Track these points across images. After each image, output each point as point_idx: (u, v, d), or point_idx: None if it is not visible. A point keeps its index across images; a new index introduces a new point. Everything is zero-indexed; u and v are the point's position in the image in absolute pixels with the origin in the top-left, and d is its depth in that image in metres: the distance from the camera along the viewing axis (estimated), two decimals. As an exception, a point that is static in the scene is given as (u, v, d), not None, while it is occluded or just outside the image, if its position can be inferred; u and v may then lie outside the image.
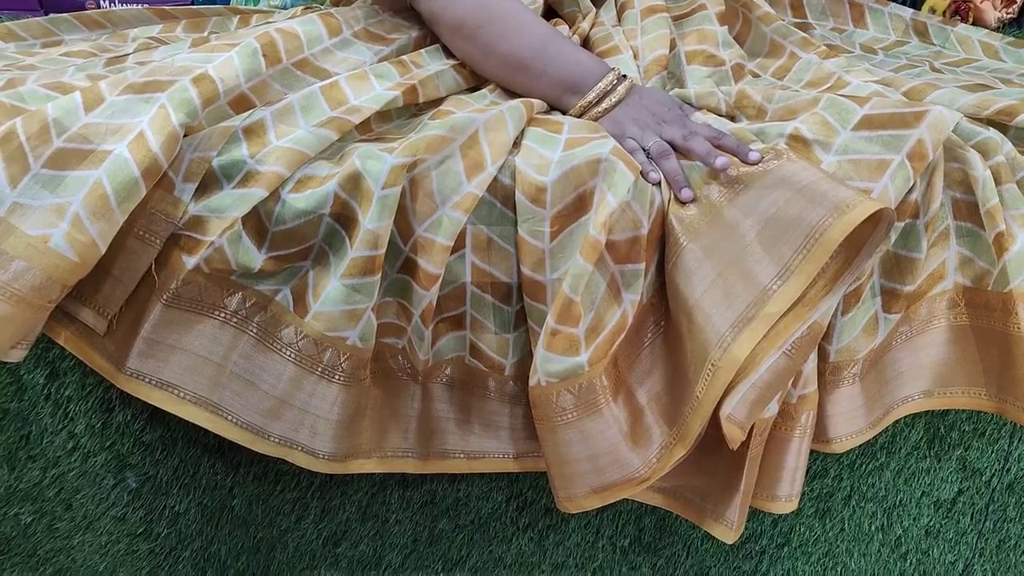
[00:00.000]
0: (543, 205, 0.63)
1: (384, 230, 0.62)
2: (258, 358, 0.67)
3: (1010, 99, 0.71)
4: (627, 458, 0.67)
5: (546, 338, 0.64)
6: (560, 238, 0.64)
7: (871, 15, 0.97)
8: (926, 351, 0.74)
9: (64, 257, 0.59)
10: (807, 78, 0.80)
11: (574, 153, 0.64)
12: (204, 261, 0.63)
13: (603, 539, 0.88)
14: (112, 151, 0.60)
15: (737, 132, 0.68)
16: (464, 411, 0.73)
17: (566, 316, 0.64)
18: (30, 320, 0.61)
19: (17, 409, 0.76)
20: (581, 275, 0.63)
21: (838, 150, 0.65)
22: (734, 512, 0.71)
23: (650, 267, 0.67)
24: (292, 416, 0.68)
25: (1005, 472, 0.87)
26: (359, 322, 0.64)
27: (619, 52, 0.79)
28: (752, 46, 0.88)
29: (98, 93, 0.63)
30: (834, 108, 0.67)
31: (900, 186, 0.63)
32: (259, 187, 0.62)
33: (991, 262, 0.69)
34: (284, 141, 0.63)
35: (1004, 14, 1.08)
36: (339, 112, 0.66)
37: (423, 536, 0.87)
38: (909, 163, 0.63)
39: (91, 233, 0.59)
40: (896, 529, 0.91)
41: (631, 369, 0.70)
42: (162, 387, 0.67)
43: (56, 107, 0.61)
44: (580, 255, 0.63)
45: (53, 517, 0.82)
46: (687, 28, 0.83)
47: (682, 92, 0.75)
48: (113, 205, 0.60)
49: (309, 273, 0.66)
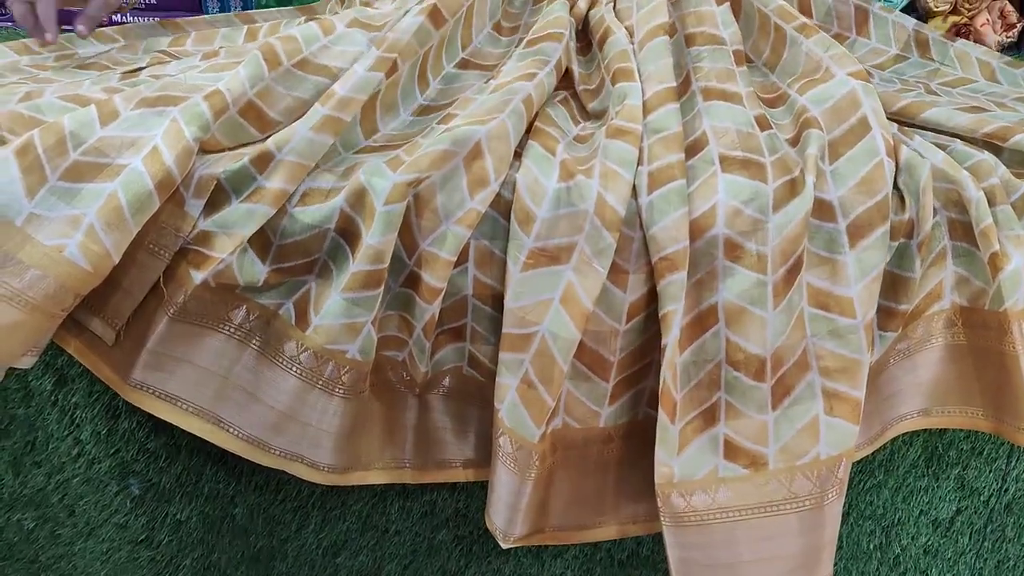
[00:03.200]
0: (528, 234, 0.64)
1: (386, 245, 0.63)
2: (262, 371, 0.68)
3: (1004, 121, 0.72)
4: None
5: (522, 385, 0.66)
6: (529, 274, 0.64)
7: (875, 21, 0.97)
8: (923, 370, 0.75)
9: (78, 267, 0.60)
10: (796, 75, 0.79)
11: (569, 191, 0.64)
12: (212, 276, 0.64)
13: (601, 552, 0.88)
14: (127, 165, 0.62)
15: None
16: (462, 421, 0.74)
17: (547, 378, 0.65)
18: (42, 327, 0.62)
19: (24, 415, 0.77)
20: (572, 342, 0.64)
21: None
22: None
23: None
24: (294, 429, 0.69)
25: (1003, 492, 0.87)
26: (359, 335, 0.65)
27: (612, 33, 0.79)
28: (743, 27, 0.86)
29: (113, 107, 0.65)
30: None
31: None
32: (265, 204, 0.63)
33: (987, 281, 0.69)
34: (285, 153, 0.64)
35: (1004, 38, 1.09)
36: (329, 108, 0.65)
37: (422, 547, 0.87)
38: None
39: (105, 244, 0.61)
40: (895, 547, 0.91)
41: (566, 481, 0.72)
42: (166, 399, 0.68)
43: (72, 120, 0.63)
44: (573, 323, 0.64)
45: (56, 523, 0.83)
46: (685, 9, 0.83)
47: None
48: (127, 216, 0.61)
49: (312, 287, 0.67)
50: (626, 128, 0.68)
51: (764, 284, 0.65)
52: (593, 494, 0.74)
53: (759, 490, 0.68)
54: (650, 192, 0.65)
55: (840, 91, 0.71)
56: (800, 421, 0.67)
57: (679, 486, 0.67)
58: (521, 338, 0.65)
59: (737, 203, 0.64)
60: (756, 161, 0.67)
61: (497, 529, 0.70)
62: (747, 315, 0.65)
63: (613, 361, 0.68)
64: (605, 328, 0.66)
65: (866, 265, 0.65)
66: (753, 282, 0.65)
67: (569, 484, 0.72)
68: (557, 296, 0.64)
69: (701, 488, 0.67)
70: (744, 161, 0.67)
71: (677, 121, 0.69)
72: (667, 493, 0.67)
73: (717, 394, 0.67)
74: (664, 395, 0.65)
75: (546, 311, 0.64)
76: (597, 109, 0.77)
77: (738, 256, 0.64)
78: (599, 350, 0.67)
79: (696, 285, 0.65)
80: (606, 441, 0.71)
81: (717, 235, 0.64)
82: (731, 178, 0.65)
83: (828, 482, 0.68)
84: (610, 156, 0.66)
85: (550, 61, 0.74)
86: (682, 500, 0.67)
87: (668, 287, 0.64)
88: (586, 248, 0.64)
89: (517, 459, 0.67)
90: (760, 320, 0.65)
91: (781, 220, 0.64)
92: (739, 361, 0.66)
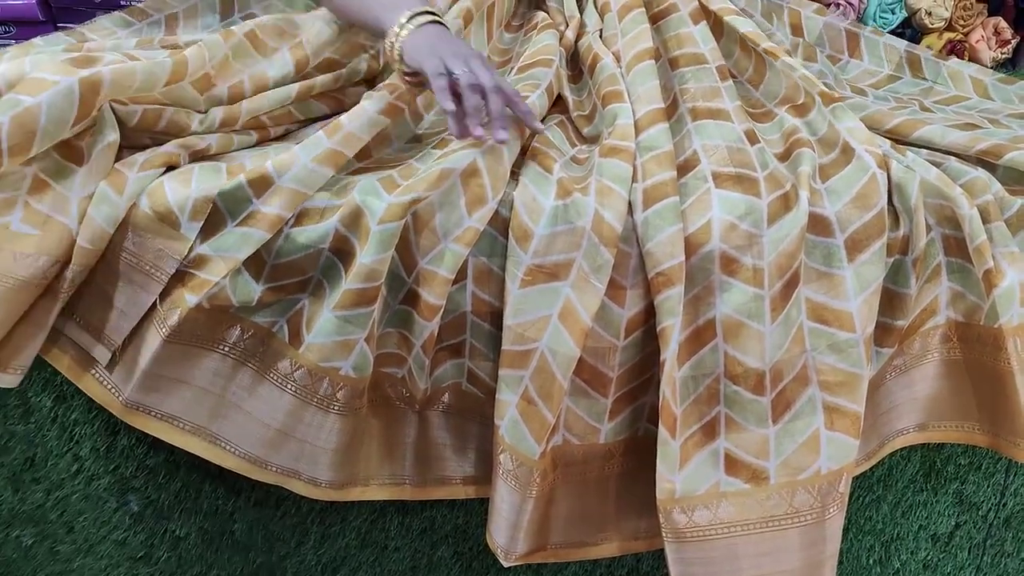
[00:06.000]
0: (526, 251, 0.64)
1: (380, 264, 0.63)
2: (257, 389, 0.69)
3: (997, 139, 0.73)
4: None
5: (522, 402, 0.66)
6: (528, 290, 0.65)
7: (866, 44, 0.99)
8: (920, 385, 0.75)
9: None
10: (781, 97, 0.80)
11: (566, 208, 0.65)
12: (207, 299, 0.65)
13: (601, 568, 0.88)
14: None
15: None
16: (461, 438, 0.74)
17: (547, 394, 0.65)
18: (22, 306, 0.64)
19: (24, 431, 0.77)
20: (571, 359, 0.64)
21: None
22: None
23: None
24: (291, 447, 0.69)
25: (1002, 506, 0.88)
26: (352, 352, 0.66)
27: (600, 59, 0.80)
28: (724, 46, 0.87)
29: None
30: None
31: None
32: (261, 228, 0.64)
33: (981, 297, 0.70)
34: (284, 180, 0.64)
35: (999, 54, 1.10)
36: (335, 143, 0.66)
37: (422, 563, 0.87)
38: None
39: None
40: (894, 562, 0.91)
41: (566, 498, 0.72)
42: (163, 419, 0.69)
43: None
44: (572, 339, 0.64)
45: (55, 540, 0.83)
46: (666, 34, 0.84)
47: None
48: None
49: (305, 305, 0.68)
50: (619, 147, 0.69)
51: (761, 298, 0.65)
52: (594, 511, 0.74)
53: (761, 505, 0.68)
54: (645, 209, 0.65)
55: (822, 124, 0.73)
56: (801, 436, 0.67)
57: (681, 502, 0.67)
58: (520, 355, 0.65)
59: (732, 218, 0.65)
60: (749, 176, 0.68)
61: (499, 547, 0.70)
62: (745, 329, 0.65)
63: (612, 377, 0.68)
64: (604, 344, 0.67)
65: (865, 279, 0.66)
66: (750, 296, 0.65)
67: (570, 501, 0.73)
68: (555, 312, 0.64)
69: (703, 503, 0.67)
70: (737, 177, 0.68)
71: (668, 140, 0.70)
72: (669, 509, 0.67)
73: (716, 408, 0.67)
74: (664, 410, 0.65)
75: (545, 327, 0.64)
76: (591, 134, 0.78)
77: (734, 270, 0.65)
78: (598, 366, 0.67)
79: (693, 300, 0.66)
80: (606, 457, 0.72)
81: (713, 250, 0.64)
82: (725, 194, 0.66)
83: (829, 496, 0.68)
84: (605, 173, 0.67)
85: (541, 84, 0.75)
86: (684, 516, 0.67)
87: (665, 302, 0.64)
88: (584, 264, 0.64)
89: (518, 476, 0.67)
90: (758, 334, 0.65)
91: (776, 234, 0.65)
92: (738, 375, 0.66)
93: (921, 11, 1.05)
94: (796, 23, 0.98)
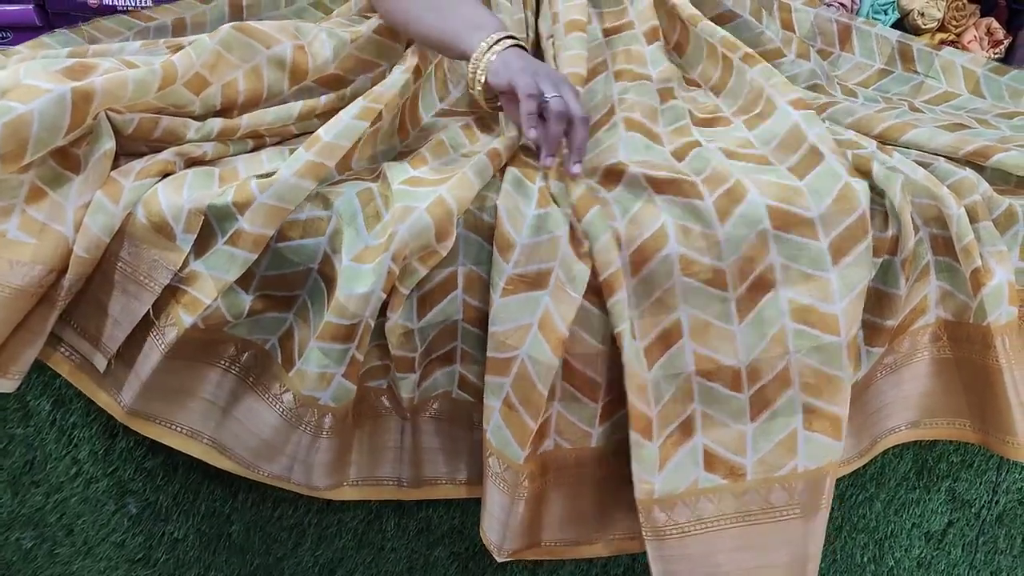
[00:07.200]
0: (507, 260, 0.65)
1: (354, 302, 0.63)
2: (253, 405, 0.70)
3: (985, 140, 0.73)
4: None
5: (504, 408, 0.66)
6: (508, 299, 0.65)
7: (858, 36, 0.99)
8: (911, 383, 0.75)
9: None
10: (740, 103, 0.81)
11: (546, 217, 0.65)
12: (201, 319, 0.66)
13: (596, 568, 0.88)
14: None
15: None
16: (453, 441, 0.75)
17: (527, 401, 0.66)
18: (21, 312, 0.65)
19: (23, 435, 0.78)
20: (550, 367, 0.65)
21: None
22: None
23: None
24: (283, 461, 0.71)
25: (994, 504, 0.88)
26: (330, 386, 0.66)
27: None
28: (691, 56, 0.88)
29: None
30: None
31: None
32: (246, 249, 0.64)
33: (969, 295, 0.70)
34: (265, 197, 0.64)
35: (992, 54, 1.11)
36: (314, 154, 0.66)
37: (418, 564, 0.88)
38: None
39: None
40: (888, 560, 0.91)
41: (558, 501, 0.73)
42: (162, 424, 0.71)
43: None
44: (549, 348, 0.64)
45: (54, 542, 0.83)
46: (616, 47, 0.85)
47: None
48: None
49: (293, 326, 0.69)
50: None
51: (727, 300, 0.66)
52: (589, 511, 0.74)
53: (737, 500, 0.68)
54: (579, 219, 0.66)
55: (783, 127, 0.73)
56: (778, 435, 0.68)
57: (660, 501, 0.67)
58: (502, 362, 0.66)
59: (684, 222, 0.66)
60: (688, 180, 0.68)
61: (491, 543, 0.71)
62: (712, 328, 0.66)
63: (601, 382, 0.68)
64: (591, 350, 0.67)
65: (850, 281, 0.66)
66: (713, 297, 0.66)
67: (563, 502, 0.73)
68: (536, 321, 0.65)
69: (682, 501, 0.68)
70: (675, 181, 0.68)
71: (594, 151, 0.73)
72: (648, 508, 0.67)
73: (692, 406, 0.68)
74: (633, 413, 0.65)
75: (525, 336, 0.65)
76: None
77: (695, 272, 0.65)
78: (587, 371, 0.68)
79: (655, 304, 0.66)
80: (599, 460, 0.72)
81: (671, 254, 0.65)
82: (670, 198, 0.67)
83: (808, 495, 0.68)
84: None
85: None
86: (663, 514, 0.68)
87: (614, 307, 0.65)
88: (560, 274, 0.65)
89: (506, 479, 0.68)
90: (727, 333, 0.66)
91: (731, 230, 0.65)
92: (711, 371, 0.67)
93: (914, 12, 1.05)
94: (787, 17, 0.98)
